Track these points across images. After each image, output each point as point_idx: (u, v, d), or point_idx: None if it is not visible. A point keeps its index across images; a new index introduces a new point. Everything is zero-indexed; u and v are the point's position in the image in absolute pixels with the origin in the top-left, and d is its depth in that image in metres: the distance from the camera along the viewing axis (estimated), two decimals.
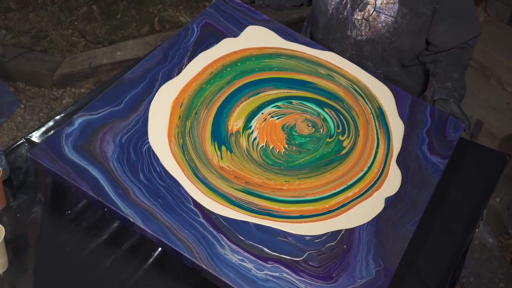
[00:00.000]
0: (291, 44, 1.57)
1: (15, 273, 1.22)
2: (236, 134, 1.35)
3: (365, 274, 1.16)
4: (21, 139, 1.53)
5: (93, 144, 1.24)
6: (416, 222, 1.26)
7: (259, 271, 1.12)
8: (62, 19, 3.51)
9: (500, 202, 2.51)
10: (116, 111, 1.31)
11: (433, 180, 1.34)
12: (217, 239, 1.15)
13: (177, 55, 1.46)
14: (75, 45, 3.38)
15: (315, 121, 1.43)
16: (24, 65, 3.18)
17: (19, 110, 3.01)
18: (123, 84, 1.37)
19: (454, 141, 1.44)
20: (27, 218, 1.33)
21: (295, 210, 1.24)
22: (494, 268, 2.26)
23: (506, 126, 2.73)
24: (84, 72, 3.19)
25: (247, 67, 1.49)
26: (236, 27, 1.58)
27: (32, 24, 3.48)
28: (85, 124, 1.27)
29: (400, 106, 1.50)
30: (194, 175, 1.25)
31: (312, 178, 1.31)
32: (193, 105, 1.38)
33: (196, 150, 1.30)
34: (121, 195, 1.17)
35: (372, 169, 1.35)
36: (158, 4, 3.65)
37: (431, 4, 1.57)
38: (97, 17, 3.56)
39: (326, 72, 1.54)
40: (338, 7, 1.64)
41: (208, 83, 1.43)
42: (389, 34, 1.61)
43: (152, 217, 1.15)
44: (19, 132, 2.90)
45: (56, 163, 1.19)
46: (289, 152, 1.35)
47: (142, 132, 1.29)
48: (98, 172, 1.19)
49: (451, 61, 1.64)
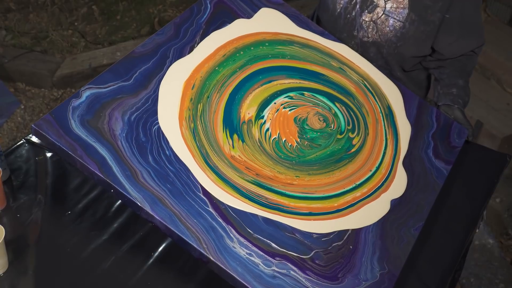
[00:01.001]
0: (304, 32, 1.55)
1: (15, 273, 1.21)
2: (248, 123, 1.33)
3: (369, 276, 1.15)
4: (21, 139, 1.53)
5: (101, 120, 1.19)
6: (420, 227, 1.26)
7: (266, 266, 1.11)
8: (62, 19, 3.52)
9: (500, 203, 2.51)
10: (126, 87, 1.26)
11: (437, 185, 1.35)
12: (225, 231, 1.13)
13: (189, 32, 1.42)
14: (75, 45, 3.38)
15: (326, 116, 1.42)
16: (24, 66, 3.18)
17: (19, 110, 3.01)
18: (133, 58, 1.32)
19: (458, 147, 1.45)
20: (27, 219, 1.32)
21: (305, 206, 1.24)
22: (494, 269, 2.26)
23: (506, 127, 2.73)
24: (84, 72, 3.19)
25: (260, 53, 1.47)
26: (250, 7, 1.53)
27: (32, 24, 3.48)
28: (93, 97, 1.21)
29: (408, 107, 1.50)
30: (205, 162, 1.22)
31: (322, 175, 1.31)
32: (205, 88, 1.34)
33: (208, 136, 1.26)
34: (129, 177, 1.13)
35: (380, 170, 1.35)
36: (158, 4, 3.65)
37: (440, 13, 1.56)
38: (97, 18, 3.56)
39: (338, 65, 1.53)
40: (347, 7, 1.64)
41: (221, 65, 1.40)
42: (396, 38, 1.61)
43: (160, 203, 1.12)
44: (19, 132, 2.89)
45: (62, 137, 1.13)
46: (301, 146, 1.34)
47: (152, 111, 1.24)
48: (105, 151, 1.14)
49: (456, 67, 1.64)
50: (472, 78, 2.60)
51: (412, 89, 1.75)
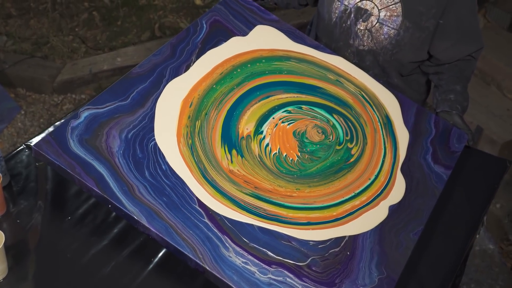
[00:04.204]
0: (300, 47, 1.57)
1: (15, 279, 1.21)
2: (247, 138, 1.35)
3: (368, 281, 1.15)
4: (22, 145, 1.53)
5: (99, 139, 1.22)
6: (419, 231, 1.26)
7: (262, 274, 1.12)
8: (63, 25, 3.53)
9: (501, 208, 2.51)
10: (123, 106, 1.30)
11: (437, 190, 1.35)
12: (221, 241, 1.14)
13: (185, 51, 1.45)
14: (75, 51, 3.39)
15: (324, 128, 1.43)
16: (24, 71, 3.18)
17: (20, 116, 3.01)
18: (130, 78, 1.35)
19: (457, 152, 1.45)
20: (27, 224, 1.32)
21: (303, 216, 1.24)
22: (495, 274, 2.25)
23: (506, 133, 2.73)
24: (84, 78, 3.20)
25: (257, 69, 1.49)
26: (245, 25, 1.56)
27: (33, 30, 3.49)
28: (91, 117, 1.26)
29: (405, 114, 1.50)
30: (203, 177, 1.24)
31: (322, 186, 1.31)
32: (203, 105, 1.37)
33: (205, 151, 1.29)
34: (126, 192, 1.16)
35: (379, 178, 1.35)
36: (158, 10, 3.66)
37: (434, 19, 1.57)
38: (98, 24, 3.57)
39: (335, 77, 1.54)
40: (342, 16, 1.64)
41: (218, 83, 1.42)
42: (391, 46, 1.62)
43: (156, 216, 1.14)
44: (20, 138, 2.90)
45: (61, 156, 1.17)
46: (302, 160, 1.35)
47: (149, 128, 1.27)
48: (103, 168, 1.18)
49: (454, 73, 1.64)
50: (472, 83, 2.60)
51: (411, 95, 1.75)
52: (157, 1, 3.72)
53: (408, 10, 1.56)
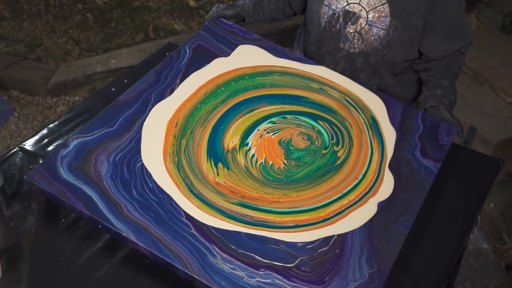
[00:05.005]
0: (282, 61, 1.60)
1: (9, 282, 1.21)
2: (232, 151, 1.37)
3: (358, 276, 1.16)
4: (15, 147, 1.53)
5: (88, 164, 1.27)
6: (409, 224, 1.26)
7: (251, 278, 1.13)
8: (56, 27, 3.51)
9: (494, 208, 2.52)
10: (110, 132, 1.34)
11: (426, 183, 1.35)
12: (208, 249, 1.16)
13: (169, 76, 1.50)
14: (69, 53, 3.38)
15: (310, 134, 1.44)
16: (18, 74, 3.17)
17: (13, 118, 3.00)
18: (117, 106, 1.40)
19: (446, 145, 1.45)
20: (21, 227, 1.32)
21: (291, 220, 1.25)
22: (489, 274, 2.26)
23: (499, 132, 2.74)
24: (78, 80, 3.19)
25: (241, 86, 1.51)
26: (228, 47, 1.61)
27: (26, 32, 3.48)
28: (79, 145, 1.30)
29: (391, 114, 1.51)
30: (189, 191, 1.26)
31: (309, 189, 1.32)
32: (188, 124, 1.40)
33: (192, 167, 1.31)
34: (114, 212, 1.19)
35: (366, 177, 1.35)
36: (152, 12, 3.66)
37: (422, 17, 1.58)
38: (92, 25, 3.56)
39: (319, 86, 1.56)
40: (331, 20, 1.65)
41: (203, 102, 1.45)
42: (382, 46, 1.63)
43: (144, 231, 1.17)
44: (13, 140, 2.89)
45: (52, 184, 1.22)
46: (288, 167, 1.36)
47: (136, 150, 1.32)
48: (92, 191, 1.22)
49: (442, 69, 1.65)
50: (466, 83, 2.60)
51: (403, 93, 1.76)
52: (151, 2, 3.72)
53: (396, 10, 1.58)
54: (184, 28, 3.57)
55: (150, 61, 1.89)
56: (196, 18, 3.66)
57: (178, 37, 3.43)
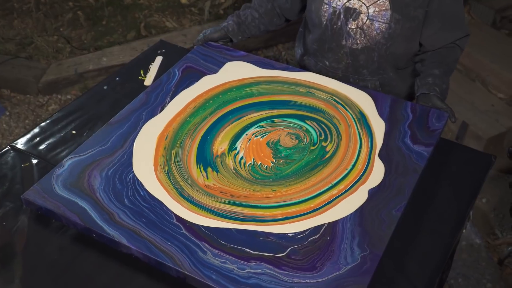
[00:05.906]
0: (269, 71, 1.64)
1: (1, 282, 1.21)
2: (221, 156, 1.38)
3: (350, 260, 1.15)
4: (7, 146, 1.52)
5: (81, 180, 1.31)
6: (401, 207, 1.25)
7: (241, 270, 1.13)
8: (47, 25, 3.50)
9: (487, 203, 2.53)
10: (103, 150, 1.39)
11: (418, 167, 1.35)
12: (199, 247, 1.17)
13: (159, 96, 1.56)
14: (60, 51, 3.36)
15: (298, 133, 1.45)
16: (9, 72, 3.15)
17: (5, 117, 2.99)
18: (110, 126, 1.45)
19: (438, 130, 1.45)
20: (13, 227, 1.31)
21: (280, 213, 1.25)
22: (482, 269, 2.27)
23: (491, 128, 2.75)
24: (70, 78, 3.17)
25: (229, 97, 1.55)
26: (215, 65, 1.67)
27: (17, 30, 3.46)
28: (74, 164, 1.35)
29: (380, 107, 1.52)
30: (180, 195, 1.28)
31: (298, 183, 1.32)
32: (178, 136, 1.43)
33: (182, 173, 1.34)
34: (107, 220, 1.22)
35: (356, 166, 1.36)
36: (144, 9, 3.64)
37: (422, 8, 1.59)
38: (83, 23, 3.55)
39: (306, 90, 1.58)
40: (332, 18, 1.65)
41: (192, 115, 1.50)
42: (384, 40, 1.63)
43: (136, 235, 1.19)
44: (5, 139, 2.87)
45: (47, 200, 1.25)
46: (277, 165, 1.37)
47: (127, 164, 1.35)
48: (85, 203, 1.25)
49: (435, 59, 1.66)
50: (457, 80, 2.61)
51: (406, 88, 1.78)
52: (142, 0, 3.71)
53: (395, 2, 1.59)
54: (176, 26, 3.56)
55: (141, 58, 1.89)
56: (188, 16, 3.65)
57: (170, 34, 3.42)
